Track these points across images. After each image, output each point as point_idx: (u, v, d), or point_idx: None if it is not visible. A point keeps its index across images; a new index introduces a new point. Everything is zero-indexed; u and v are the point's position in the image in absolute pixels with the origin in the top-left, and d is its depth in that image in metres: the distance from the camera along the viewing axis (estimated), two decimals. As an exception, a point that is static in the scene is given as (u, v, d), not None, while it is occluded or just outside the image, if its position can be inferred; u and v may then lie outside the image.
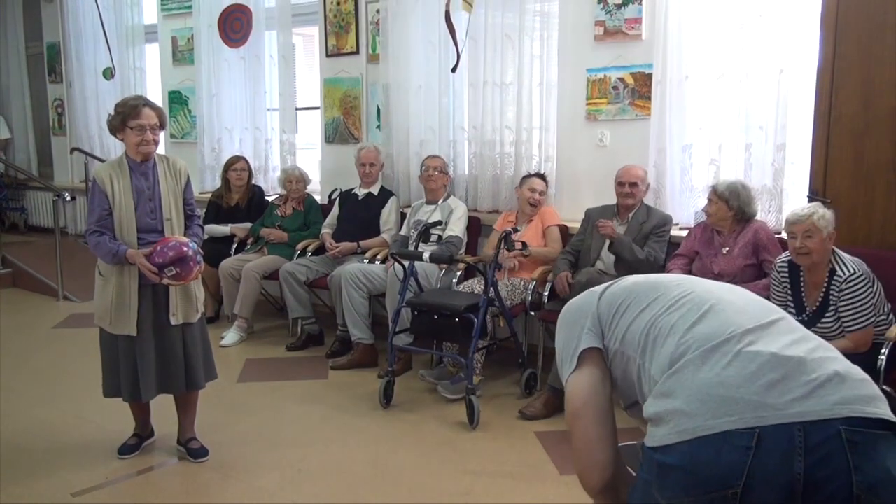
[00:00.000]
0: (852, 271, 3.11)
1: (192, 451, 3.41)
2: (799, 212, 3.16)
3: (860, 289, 3.09)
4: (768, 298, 3.55)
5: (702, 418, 1.47)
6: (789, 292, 3.28)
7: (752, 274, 3.72)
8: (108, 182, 3.14)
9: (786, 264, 3.30)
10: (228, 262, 5.30)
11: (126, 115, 3.14)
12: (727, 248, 3.79)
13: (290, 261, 5.10)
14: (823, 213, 3.12)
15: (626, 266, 4.08)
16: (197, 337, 3.35)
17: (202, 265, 3.21)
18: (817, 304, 3.19)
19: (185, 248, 3.08)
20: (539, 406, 3.86)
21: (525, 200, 4.53)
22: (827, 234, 3.10)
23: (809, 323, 3.19)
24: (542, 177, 4.60)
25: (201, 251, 3.23)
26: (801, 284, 3.25)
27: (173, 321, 3.25)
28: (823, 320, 3.17)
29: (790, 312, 3.25)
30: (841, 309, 3.11)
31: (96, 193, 3.15)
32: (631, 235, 4.11)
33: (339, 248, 4.98)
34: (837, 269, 3.14)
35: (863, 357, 3.09)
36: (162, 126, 3.22)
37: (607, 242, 4.20)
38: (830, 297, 3.14)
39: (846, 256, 3.17)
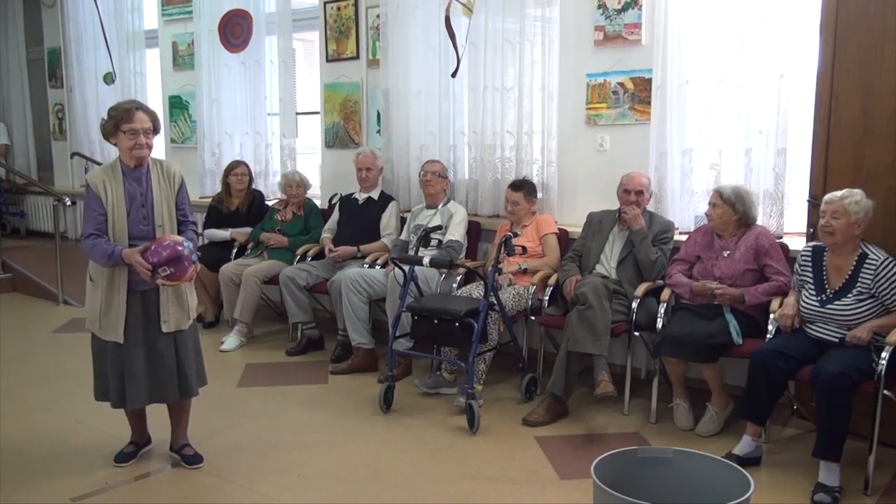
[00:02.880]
0: (887, 255, 3.26)
1: (186, 457, 3.40)
2: (835, 193, 3.28)
3: None
4: (769, 304, 3.61)
5: None
6: (810, 274, 3.40)
7: (751, 278, 3.72)
8: (102, 187, 3.13)
9: (809, 250, 3.45)
10: (228, 267, 5.29)
11: (119, 119, 3.12)
12: (728, 252, 3.79)
13: (291, 265, 5.10)
14: (858, 200, 3.23)
15: (631, 267, 4.08)
16: (189, 343, 3.32)
17: (197, 266, 3.19)
18: (839, 285, 3.30)
19: (179, 248, 3.06)
20: (542, 413, 3.86)
21: (505, 211, 4.55)
22: (855, 220, 3.23)
23: (827, 301, 3.31)
24: (516, 186, 4.51)
25: (197, 252, 3.20)
26: (824, 268, 3.37)
27: (165, 328, 3.21)
28: (844, 300, 3.27)
29: (809, 293, 3.37)
30: (883, 290, 3.21)
31: (91, 198, 3.13)
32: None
33: (338, 252, 4.98)
34: (870, 253, 3.28)
35: (861, 357, 3.12)
36: (155, 130, 3.20)
37: (610, 241, 4.20)
38: (860, 279, 3.25)
39: (875, 247, 3.31)
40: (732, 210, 3.76)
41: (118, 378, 3.21)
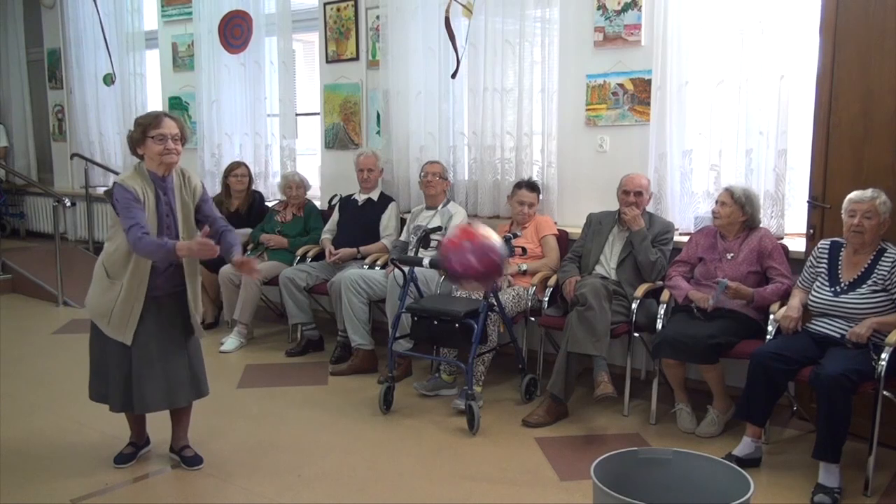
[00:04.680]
0: None
1: (186, 458, 3.39)
2: (864, 193, 3.30)
3: None
4: (768, 305, 3.61)
5: None
6: (825, 266, 3.42)
7: (754, 281, 3.72)
8: (141, 192, 3.08)
9: (827, 244, 3.47)
10: (228, 268, 5.29)
11: (147, 126, 3.08)
12: (732, 254, 3.79)
13: (291, 266, 5.10)
14: (885, 200, 3.28)
15: (631, 268, 4.08)
16: (197, 345, 3.35)
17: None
18: (854, 277, 3.33)
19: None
20: (542, 413, 3.85)
21: (516, 213, 4.54)
22: (884, 219, 3.27)
23: (840, 293, 3.33)
24: (532, 186, 4.52)
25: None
26: (839, 263, 3.40)
27: (197, 334, 3.28)
28: (859, 291, 3.29)
29: (822, 284, 3.39)
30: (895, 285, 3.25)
31: (127, 195, 3.04)
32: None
33: (338, 255, 4.98)
34: (889, 248, 3.31)
35: (861, 358, 3.13)
36: (183, 138, 3.17)
37: (610, 242, 4.20)
38: (876, 271, 3.28)
39: (892, 244, 3.35)
40: (741, 211, 3.76)
41: (122, 381, 3.19)
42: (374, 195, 5.17)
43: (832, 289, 3.36)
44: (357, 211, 5.17)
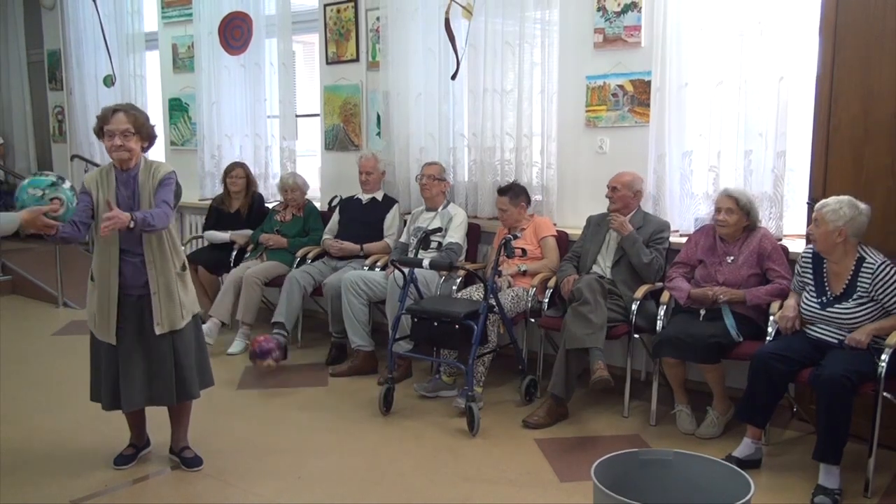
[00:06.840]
0: (883, 259, 3.25)
1: (185, 460, 3.39)
2: (826, 200, 3.29)
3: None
4: (768, 306, 3.61)
5: None
6: (810, 276, 3.41)
7: (755, 283, 3.72)
8: (95, 188, 3.14)
9: (810, 252, 3.45)
10: (236, 271, 5.23)
11: (102, 121, 3.13)
12: (732, 257, 3.78)
13: (290, 267, 5.10)
14: (836, 209, 3.22)
15: (626, 269, 4.08)
16: (189, 344, 3.27)
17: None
18: (841, 290, 3.29)
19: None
20: (542, 415, 3.85)
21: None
22: (834, 228, 3.22)
23: (828, 304, 3.31)
24: (503, 190, 4.47)
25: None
26: (824, 272, 3.37)
27: (158, 330, 3.16)
28: (846, 304, 3.26)
29: (810, 295, 3.38)
30: (881, 293, 3.20)
31: (82, 197, 3.13)
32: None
33: (342, 246, 4.97)
34: (868, 257, 3.27)
35: (861, 359, 3.12)
36: (139, 132, 3.11)
37: (606, 243, 4.20)
38: (859, 283, 3.25)
39: (872, 251, 3.31)
40: (746, 217, 3.76)
41: (112, 380, 3.20)
42: (378, 196, 5.17)
43: (819, 300, 3.34)
44: (361, 209, 5.17)
